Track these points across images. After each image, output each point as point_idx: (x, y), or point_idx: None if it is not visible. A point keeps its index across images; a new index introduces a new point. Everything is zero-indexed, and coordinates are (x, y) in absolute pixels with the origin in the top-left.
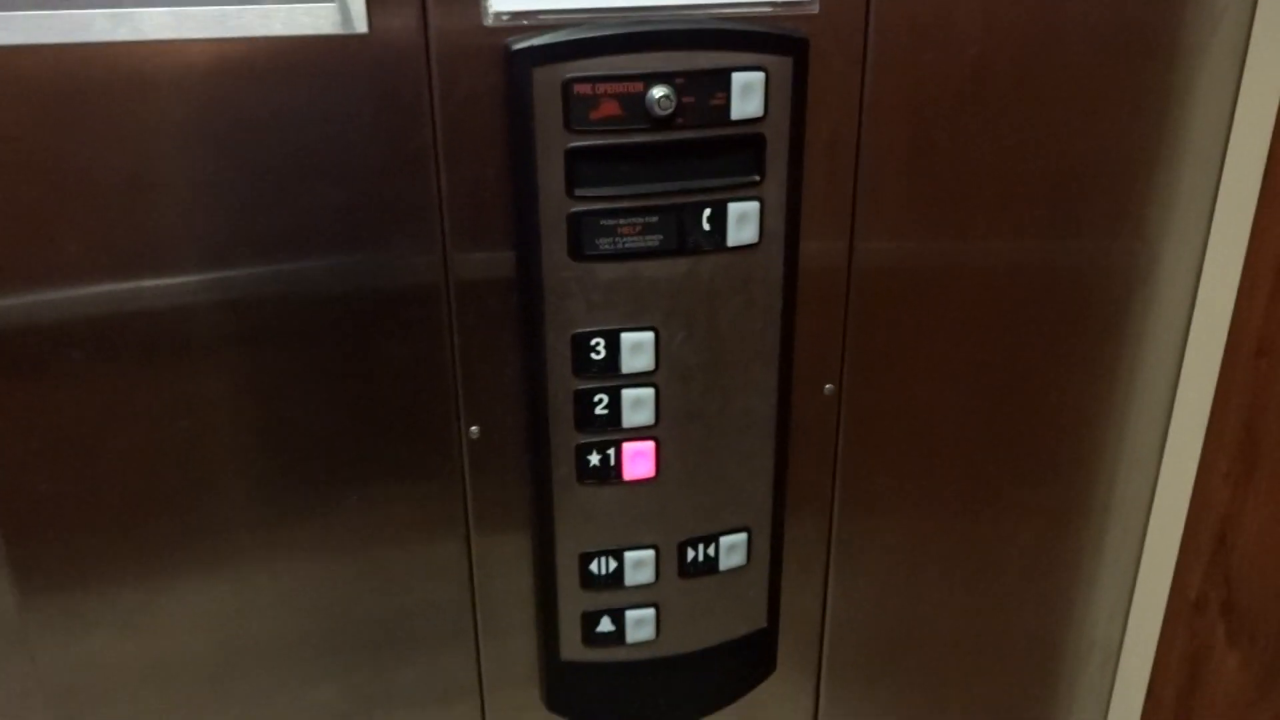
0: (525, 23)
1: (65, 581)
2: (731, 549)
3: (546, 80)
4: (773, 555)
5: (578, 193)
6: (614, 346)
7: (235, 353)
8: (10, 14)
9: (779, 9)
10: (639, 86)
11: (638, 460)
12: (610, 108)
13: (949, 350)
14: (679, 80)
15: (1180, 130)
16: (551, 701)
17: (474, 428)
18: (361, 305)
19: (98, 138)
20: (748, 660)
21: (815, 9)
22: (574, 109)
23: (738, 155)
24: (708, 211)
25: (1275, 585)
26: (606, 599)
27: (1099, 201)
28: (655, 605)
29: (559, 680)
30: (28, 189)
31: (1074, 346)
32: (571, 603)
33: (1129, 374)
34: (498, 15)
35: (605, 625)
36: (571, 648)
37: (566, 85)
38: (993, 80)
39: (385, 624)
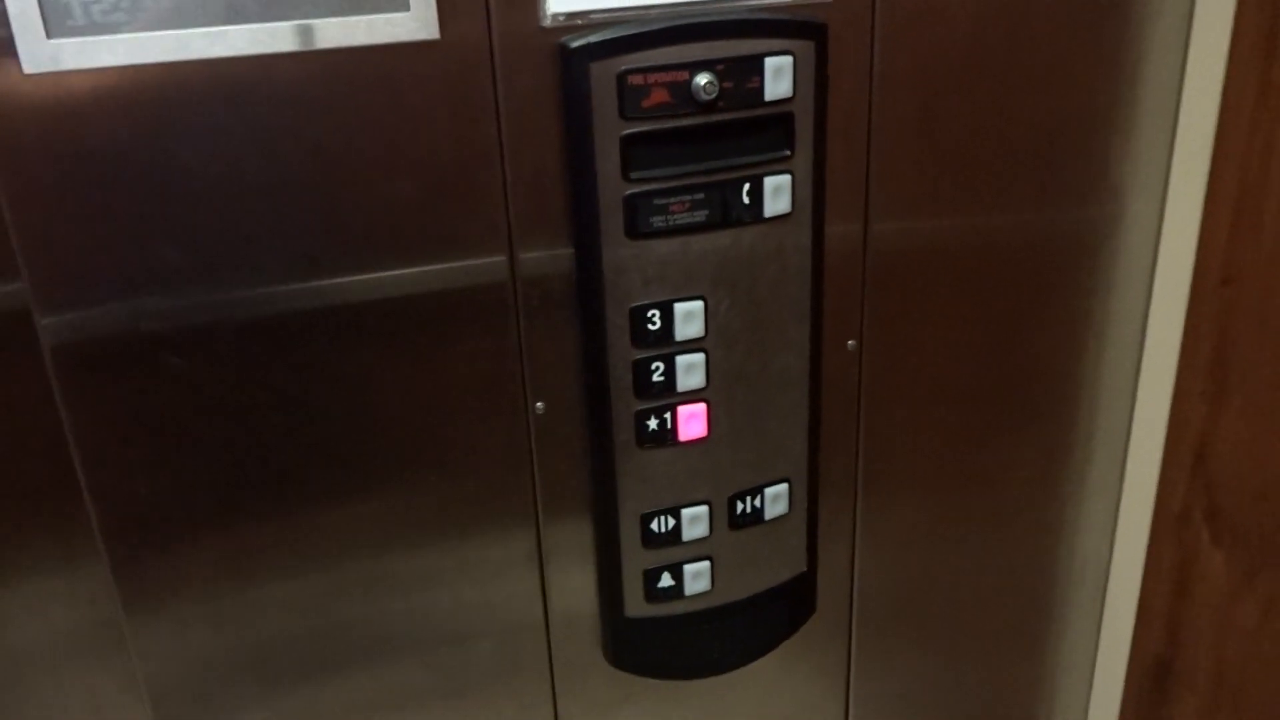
0: (579, 22)
1: (163, 580)
2: (775, 499)
3: (602, 74)
4: (810, 502)
5: (633, 175)
6: (668, 317)
7: (323, 350)
8: (115, 37)
9: None
10: (685, 75)
11: (691, 422)
12: (660, 95)
13: (952, 303)
14: (719, 67)
15: (1140, 88)
16: (617, 658)
17: (539, 404)
18: (436, 297)
19: (196, 149)
20: (791, 603)
21: None
22: (628, 98)
23: (771, 133)
24: (747, 186)
25: (1253, 487)
26: (666, 555)
27: (1077, 161)
28: (710, 558)
29: (623, 637)
30: (131, 199)
31: (1058, 292)
32: (634, 562)
33: (1104, 313)
34: (555, 16)
35: (665, 580)
36: (635, 605)
37: (621, 77)
38: (983, 55)
39: (461, 596)
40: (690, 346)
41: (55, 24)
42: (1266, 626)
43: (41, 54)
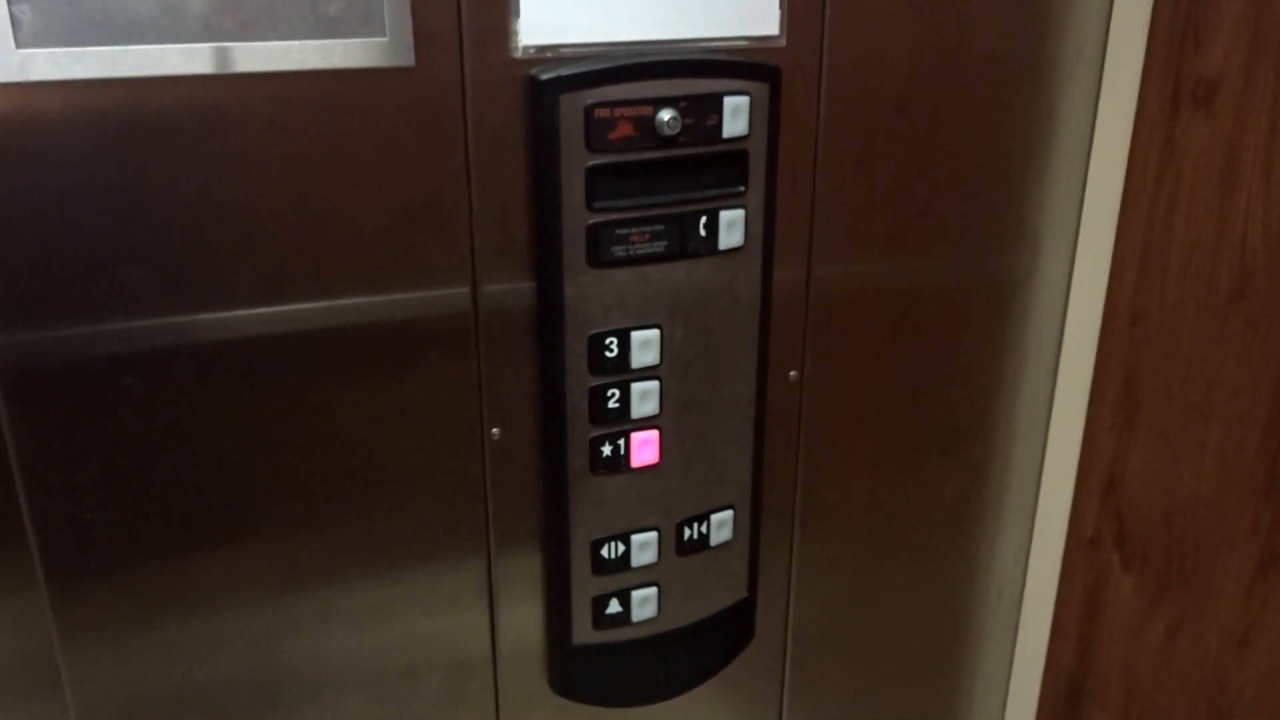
0: (549, 55)
1: (103, 610)
2: (721, 525)
3: (571, 106)
4: (753, 529)
5: (596, 205)
6: (625, 344)
7: (281, 375)
8: (87, 49)
9: (754, 42)
10: (649, 110)
11: (644, 448)
12: (625, 129)
13: (883, 338)
14: (682, 104)
15: (1055, 142)
16: (563, 687)
17: (495, 430)
18: (398, 324)
19: (164, 167)
20: (733, 629)
21: (783, 43)
22: (594, 131)
23: (727, 169)
24: (704, 219)
25: (1160, 513)
26: (615, 581)
27: (997, 208)
28: (657, 584)
29: (570, 665)
30: (95, 217)
31: (979, 331)
32: (583, 588)
33: (1021, 350)
34: (526, 49)
35: (614, 607)
36: (583, 632)
37: (589, 110)
38: (915, 107)
39: (411, 627)
40: (645, 374)
41: (24, 33)
42: (1172, 646)
43: (9, 63)
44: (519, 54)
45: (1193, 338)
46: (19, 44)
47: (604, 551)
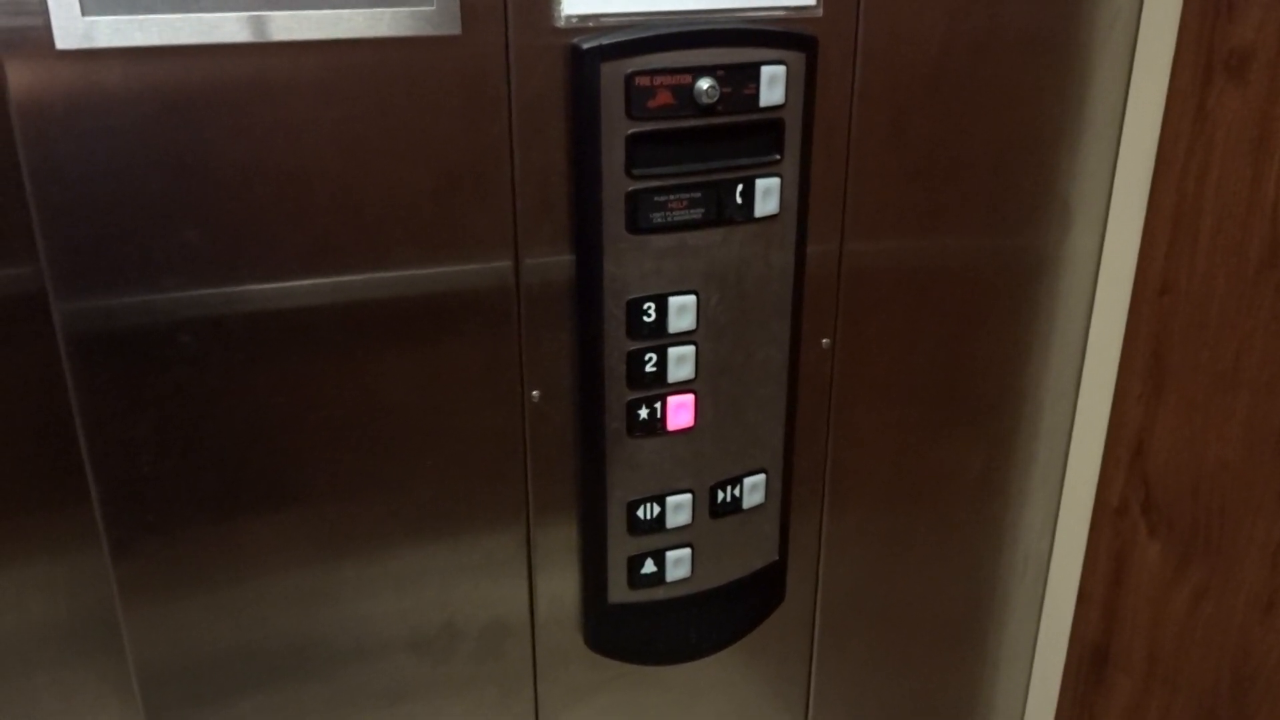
0: (590, 24)
1: (161, 565)
2: (753, 489)
3: (612, 74)
4: (784, 493)
5: (635, 172)
6: (663, 310)
7: (329, 339)
8: (148, 16)
9: (791, 12)
10: (688, 79)
11: (680, 412)
12: (665, 97)
13: (916, 307)
14: (720, 73)
15: (1087, 113)
16: (597, 644)
17: (535, 392)
18: (443, 288)
19: (220, 134)
20: (764, 591)
21: (820, 13)
22: (634, 99)
23: (764, 137)
24: (740, 186)
25: (1187, 480)
26: (650, 542)
27: (1029, 178)
28: (690, 545)
29: (605, 622)
30: (153, 184)
31: (1009, 300)
32: (619, 548)
33: (1051, 319)
34: (568, 18)
35: (649, 567)
36: (618, 591)
37: (629, 78)
38: (949, 79)
39: (452, 585)
40: (682, 339)
41: (90, 1)
42: (1197, 613)
43: (75, 30)
44: (561, 23)
45: (1222, 306)
46: (85, 11)
47: (640, 513)
